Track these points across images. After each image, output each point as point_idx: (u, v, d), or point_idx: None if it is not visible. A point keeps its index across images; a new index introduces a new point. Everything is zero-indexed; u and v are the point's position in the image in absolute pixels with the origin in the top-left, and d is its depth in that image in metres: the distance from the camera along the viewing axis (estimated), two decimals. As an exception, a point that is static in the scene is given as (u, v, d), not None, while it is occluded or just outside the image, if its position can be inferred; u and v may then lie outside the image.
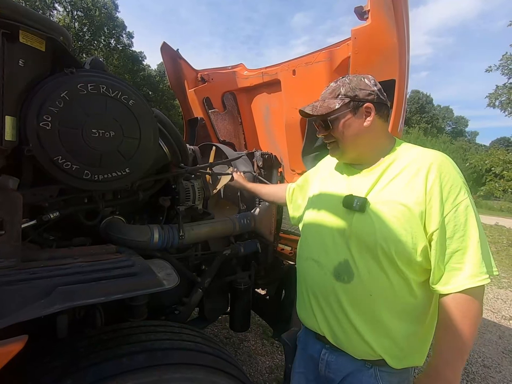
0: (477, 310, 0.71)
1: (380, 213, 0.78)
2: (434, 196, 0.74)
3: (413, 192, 0.76)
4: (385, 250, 0.76)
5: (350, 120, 0.86)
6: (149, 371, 0.70)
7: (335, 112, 0.86)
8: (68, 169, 0.85)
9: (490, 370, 2.35)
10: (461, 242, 0.72)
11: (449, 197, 0.74)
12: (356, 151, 0.88)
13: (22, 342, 0.52)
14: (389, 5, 1.30)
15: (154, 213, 1.32)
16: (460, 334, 0.70)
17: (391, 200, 0.78)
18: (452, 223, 0.73)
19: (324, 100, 0.89)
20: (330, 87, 0.91)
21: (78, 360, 0.70)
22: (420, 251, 0.75)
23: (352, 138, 0.86)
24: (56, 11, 18.79)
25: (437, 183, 0.74)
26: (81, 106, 0.84)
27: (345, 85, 0.87)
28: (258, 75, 2.23)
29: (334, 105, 0.86)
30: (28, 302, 0.55)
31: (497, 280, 4.47)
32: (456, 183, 0.75)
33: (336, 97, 0.87)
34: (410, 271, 0.77)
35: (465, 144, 37.47)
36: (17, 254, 0.67)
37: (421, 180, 0.76)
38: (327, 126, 0.88)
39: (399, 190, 0.78)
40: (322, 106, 0.87)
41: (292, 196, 1.23)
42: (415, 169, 0.79)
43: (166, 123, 1.15)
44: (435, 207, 0.74)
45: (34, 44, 0.76)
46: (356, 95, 0.85)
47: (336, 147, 0.90)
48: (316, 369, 0.93)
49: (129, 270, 0.72)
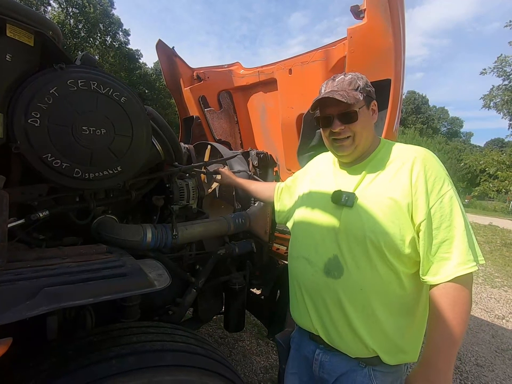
0: (467, 297, 0.72)
1: (367, 207, 0.80)
2: (420, 188, 0.76)
3: (398, 186, 0.78)
4: (375, 243, 0.77)
5: (367, 114, 0.86)
6: (139, 373, 0.68)
7: (360, 104, 0.83)
8: (58, 167, 0.83)
9: (483, 369, 2.37)
10: (447, 232, 0.74)
11: (434, 189, 0.76)
12: (364, 147, 0.88)
13: (6, 345, 0.50)
14: (385, 5, 1.30)
15: (148, 212, 1.30)
16: (451, 322, 0.71)
17: (378, 194, 0.80)
18: (438, 214, 0.74)
19: (345, 90, 0.84)
20: (344, 79, 0.87)
21: (66, 362, 0.68)
22: (408, 243, 0.76)
23: (366, 133, 0.86)
24: (50, 7, 18.55)
25: (422, 176, 0.77)
26: (71, 103, 0.82)
27: (359, 78, 0.87)
28: (254, 74, 2.22)
29: (358, 96, 0.83)
30: (11, 304, 0.53)
31: (491, 280, 4.52)
32: (440, 175, 0.77)
33: (357, 90, 0.84)
34: (400, 263, 0.78)
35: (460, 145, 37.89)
36: (2, 255, 0.65)
37: (406, 173, 0.78)
38: (352, 118, 0.83)
39: (385, 184, 0.80)
40: (350, 96, 0.82)
41: (280, 194, 1.23)
42: (399, 164, 0.81)
43: (159, 121, 1.13)
44: (421, 198, 0.75)
45: (22, 38, 0.74)
46: (370, 91, 0.87)
47: (351, 143, 0.86)
48: (309, 370, 0.92)
49: (119, 270, 0.71)
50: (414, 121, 42.08)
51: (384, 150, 0.88)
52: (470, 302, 0.73)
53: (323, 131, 0.92)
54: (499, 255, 6.04)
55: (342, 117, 0.84)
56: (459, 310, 0.71)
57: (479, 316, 3.30)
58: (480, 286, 4.27)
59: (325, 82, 0.92)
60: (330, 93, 0.84)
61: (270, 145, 2.30)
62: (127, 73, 22.21)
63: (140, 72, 24.16)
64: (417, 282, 0.80)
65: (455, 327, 0.70)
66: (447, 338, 0.71)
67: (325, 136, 0.92)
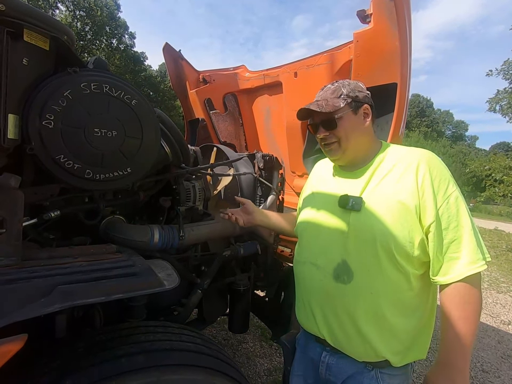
0: (477, 296, 0.74)
1: (376, 210, 0.81)
2: (427, 190, 0.77)
3: (405, 188, 0.80)
4: (385, 246, 0.78)
5: (353, 119, 0.89)
6: (148, 372, 0.69)
7: (340, 111, 0.87)
8: (70, 168, 0.84)
9: (489, 375, 2.34)
10: (455, 232, 0.75)
11: (440, 190, 0.77)
12: (355, 150, 0.90)
13: (22, 341, 0.52)
14: (391, 9, 1.31)
15: (155, 213, 1.32)
16: (464, 321, 0.72)
17: (385, 197, 0.81)
18: (445, 215, 0.76)
19: (327, 99, 0.90)
20: (329, 88, 0.93)
21: (77, 360, 0.70)
22: (417, 244, 0.77)
23: (354, 137, 0.89)
24: (58, 10, 18.83)
25: (428, 177, 0.78)
26: (84, 105, 0.84)
27: (345, 86, 0.90)
28: (259, 77, 2.23)
29: (338, 104, 0.87)
30: (27, 301, 0.55)
31: (496, 285, 4.47)
32: (445, 177, 0.79)
33: (339, 97, 0.89)
34: (409, 265, 0.78)
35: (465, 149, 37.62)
36: (17, 253, 0.67)
37: (412, 175, 0.80)
38: (331, 125, 0.88)
39: (392, 187, 0.82)
40: (328, 104, 0.88)
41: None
42: (404, 166, 0.83)
43: (167, 123, 1.15)
44: (429, 200, 0.77)
45: (38, 42, 0.77)
46: (357, 96, 0.89)
47: (337, 148, 0.90)
48: (315, 372, 0.92)
49: (129, 270, 0.72)
50: (419, 124, 41.88)
51: (386, 153, 0.90)
52: (480, 301, 0.75)
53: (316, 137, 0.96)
54: (505, 260, 5.97)
55: (324, 124, 0.90)
56: (471, 308, 0.73)
57: (485, 321, 3.26)
58: (486, 291, 4.22)
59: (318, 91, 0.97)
60: (310, 104, 0.91)
61: (275, 148, 2.31)
62: (132, 76, 22.41)
63: (144, 75, 24.38)
64: (425, 282, 0.81)
65: (469, 326, 0.72)
66: (462, 337, 0.72)
67: (318, 142, 0.97)
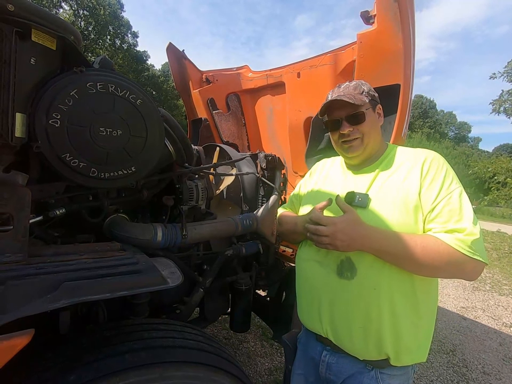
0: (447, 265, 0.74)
1: (382, 207, 0.82)
2: (431, 184, 0.80)
3: (410, 185, 0.81)
4: None
5: (373, 116, 0.91)
6: (151, 368, 0.70)
7: (366, 106, 0.89)
8: (75, 166, 0.85)
9: (490, 377, 2.34)
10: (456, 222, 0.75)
11: (443, 185, 0.79)
12: (372, 148, 0.92)
13: (29, 336, 0.53)
14: (395, 10, 1.31)
15: (158, 212, 1.33)
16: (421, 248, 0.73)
17: (391, 194, 0.82)
18: (447, 208, 0.77)
19: (352, 94, 0.89)
20: (348, 85, 0.92)
21: (81, 355, 0.71)
22: None
23: (374, 134, 0.91)
24: (62, 9, 18.92)
25: (432, 173, 0.81)
26: (90, 104, 0.85)
27: (364, 84, 0.93)
28: (262, 77, 2.24)
29: (364, 99, 0.89)
30: (34, 296, 0.56)
31: (499, 287, 4.45)
32: (448, 174, 0.81)
33: (362, 94, 0.90)
34: None
35: (468, 150, 37.44)
36: (24, 249, 0.68)
37: (417, 172, 0.82)
38: (359, 119, 0.88)
39: (398, 185, 0.83)
40: (356, 99, 0.87)
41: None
42: (410, 165, 0.85)
43: (171, 123, 1.16)
44: (431, 194, 0.79)
45: (45, 42, 0.78)
46: (374, 95, 0.92)
47: (359, 144, 0.90)
48: (316, 371, 0.93)
49: (133, 267, 0.73)
50: (421, 125, 41.73)
51: (393, 153, 0.91)
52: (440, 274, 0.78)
53: (332, 134, 0.95)
54: (507, 262, 5.94)
55: (350, 118, 0.89)
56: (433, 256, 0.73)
57: (486, 323, 3.25)
58: (488, 293, 4.20)
59: (331, 90, 0.97)
60: (338, 96, 0.89)
61: (277, 148, 2.32)
62: (135, 75, 22.50)
63: (147, 74, 24.45)
64: (428, 280, 0.82)
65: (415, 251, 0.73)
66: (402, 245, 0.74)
67: (334, 140, 0.96)
